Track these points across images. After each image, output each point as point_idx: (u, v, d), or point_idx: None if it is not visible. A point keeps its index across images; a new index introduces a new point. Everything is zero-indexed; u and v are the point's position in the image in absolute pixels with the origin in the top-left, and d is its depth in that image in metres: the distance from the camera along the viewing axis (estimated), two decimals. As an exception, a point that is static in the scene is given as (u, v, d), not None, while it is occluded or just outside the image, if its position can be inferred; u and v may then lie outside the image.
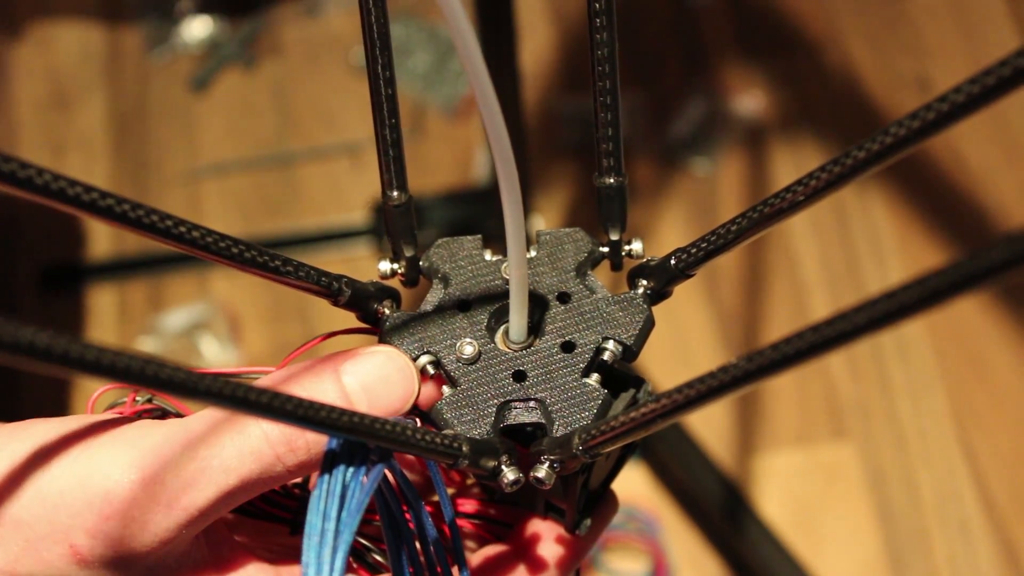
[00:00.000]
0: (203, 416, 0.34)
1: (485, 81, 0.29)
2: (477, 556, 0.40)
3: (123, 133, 1.25)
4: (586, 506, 0.41)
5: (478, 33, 0.84)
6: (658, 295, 0.39)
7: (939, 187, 1.19)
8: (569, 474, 0.38)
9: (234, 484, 0.34)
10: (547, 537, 0.41)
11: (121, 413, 0.37)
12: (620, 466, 0.42)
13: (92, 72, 1.28)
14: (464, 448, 0.35)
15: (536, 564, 0.40)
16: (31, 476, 0.34)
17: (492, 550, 0.40)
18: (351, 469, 0.31)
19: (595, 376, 0.38)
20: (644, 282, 0.39)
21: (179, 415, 0.37)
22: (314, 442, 0.34)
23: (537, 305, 0.39)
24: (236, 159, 1.23)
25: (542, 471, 0.36)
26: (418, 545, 0.35)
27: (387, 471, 0.32)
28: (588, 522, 0.41)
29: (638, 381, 0.39)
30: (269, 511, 0.39)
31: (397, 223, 0.40)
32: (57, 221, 1.20)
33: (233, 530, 0.39)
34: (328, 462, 0.31)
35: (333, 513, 0.30)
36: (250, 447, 0.34)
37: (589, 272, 0.40)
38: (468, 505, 0.42)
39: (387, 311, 0.39)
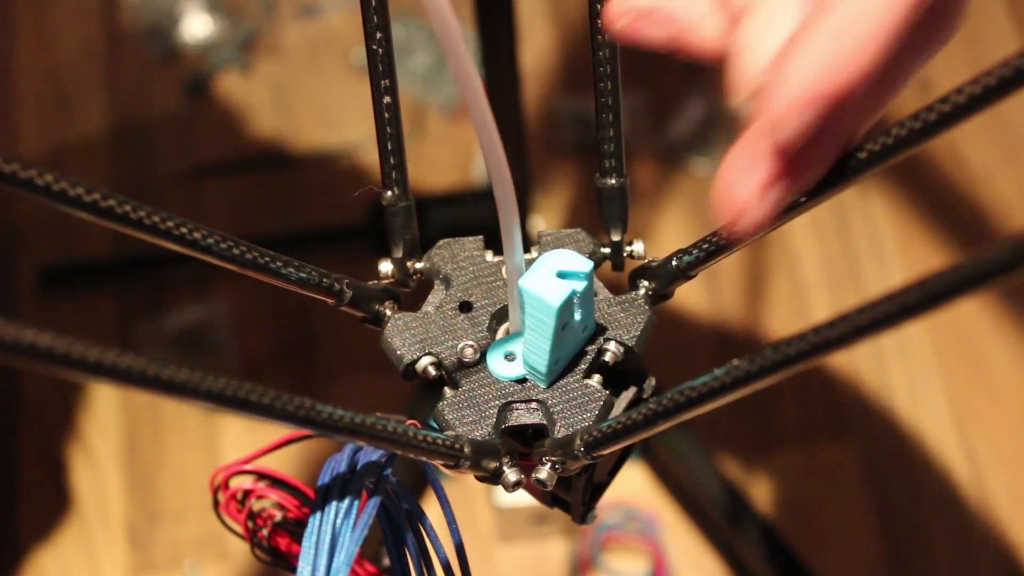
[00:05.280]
0: None
1: (477, 87, 0.29)
2: None
3: (123, 133, 1.25)
4: (592, 497, 0.41)
5: (478, 33, 0.84)
6: (659, 296, 0.39)
7: (939, 187, 1.19)
8: (571, 474, 0.38)
9: None
10: None
11: None
12: (625, 458, 0.42)
13: (92, 72, 1.28)
14: (466, 449, 0.35)
15: None
16: None
17: None
18: (343, 507, 0.31)
19: (596, 377, 0.38)
20: (645, 283, 0.39)
21: None
22: None
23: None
24: (236, 159, 1.23)
25: (544, 472, 0.36)
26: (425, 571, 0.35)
27: (387, 493, 0.32)
28: (595, 512, 0.41)
29: (640, 376, 0.39)
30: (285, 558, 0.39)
31: (397, 224, 0.40)
32: (57, 221, 1.20)
33: None
34: (320, 497, 0.31)
35: (322, 565, 0.30)
36: None
37: (590, 273, 0.40)
38: None
39: (388, 312, 0.39)
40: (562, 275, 0.34)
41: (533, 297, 0.34)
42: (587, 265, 0.35)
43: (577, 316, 0.35)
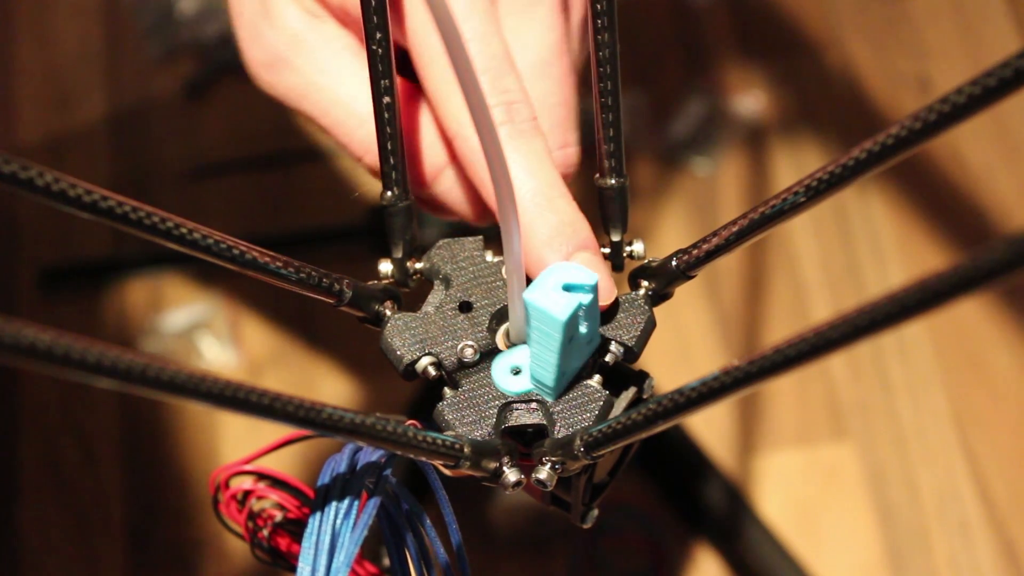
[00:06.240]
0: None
1: (477, 86, 0.29)
2: None
3: (123, 132, 1.25)
4: (592, 497, 0.41)
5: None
6: (659, 296, 0.39)
7: (939, 187, 1.19)
8: (571, 475, 0.38)
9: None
10: None
11: None
12: (626, 458, 0.42)
13: (92, 71, 1.28)
14: (466, 450, 0.35)
15: None
16: None
17: None
18: (343, 507, 0.31)
19: (596, 377, 0.38)
20: (645, 283, 0.39)
21: None
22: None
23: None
24: (236, 159, 1.23)
25: (544, 472, 0.36)
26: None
27: (387, 494, 0.32)
28: (595, 512, 0.41)
29: (640, 376, 0.39)
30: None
31: (397, 224, 0.40)
32: (57, 221, 1.20)
33: None
34: (320, 497, 0.31)
35: (322, 565, 0.30)
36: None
37: (590, 273, 0.40)
38: None
39: (388, 312, 0.39)
40: (568, 288, 0.34)
41: (538, 311, 0.34)
42: (592, 278, 0.34)
43: (583, 329, 0.35)
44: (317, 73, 0.41)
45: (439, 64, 0.38)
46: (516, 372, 0.37)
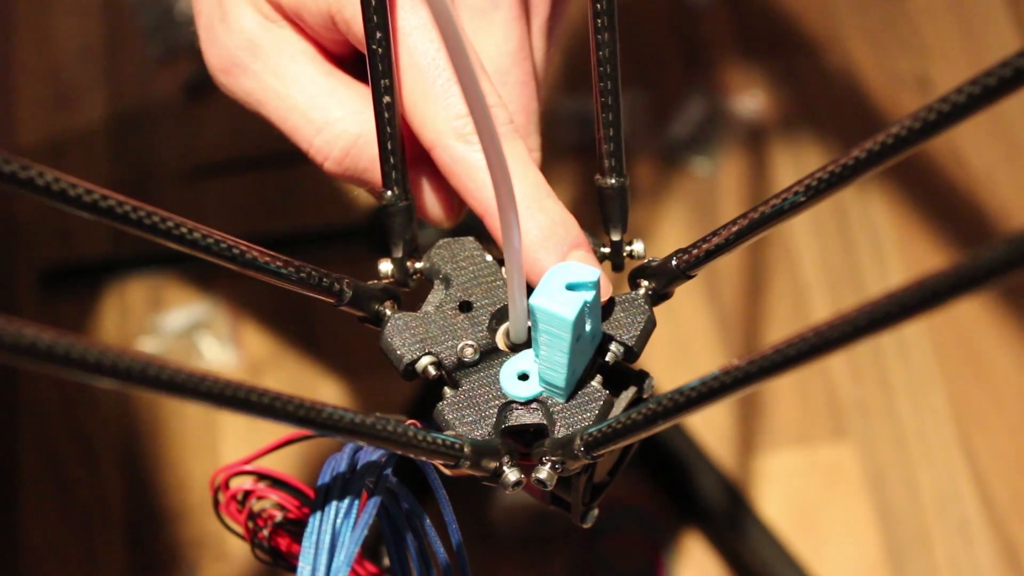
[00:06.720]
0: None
1: (477, 86, 0.29)
2: None
3: (123, 132, 1.25)
4: (592, 497, 0.41)
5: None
6: (659, 296, 0.39)
7: (939, 187, 1.19)
8: (571, 474, 0.38)
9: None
10: None
11: None
12: (626, 458, 0.42)
13: (92, 71, 1.28)
14: (466, 449, 0.35)
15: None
16: None
17: None
18: (343, 507, 0.31)
19: (597, 377, 0.38)
20: (645, 283, 0.39)
21: None
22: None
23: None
24: (236, 159, 1.23)
25: (544, 472, 0.36)
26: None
27: (387, 493, 0.32)
28: (595, 512, 0.41)
29: (640, 376, 0.39)
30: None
31: (397, 224, 0.40)
32: (57, 221, 1.20)
33: None
34: (320, 497, 0.31)
35: (322, 565, 0.30)
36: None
37: (590, 273, 0.40)
38: None
39: (388, 312, 0.39)
40: (571, 287, 0.34)
41: (546, 313, 0.34)
42: (594, 274, 0.34)
43: (588, 327, 0.35)
44: (274, 78, 0.41)
45: (411, 74, 0.38)
46: (523, 377, 0.37)
